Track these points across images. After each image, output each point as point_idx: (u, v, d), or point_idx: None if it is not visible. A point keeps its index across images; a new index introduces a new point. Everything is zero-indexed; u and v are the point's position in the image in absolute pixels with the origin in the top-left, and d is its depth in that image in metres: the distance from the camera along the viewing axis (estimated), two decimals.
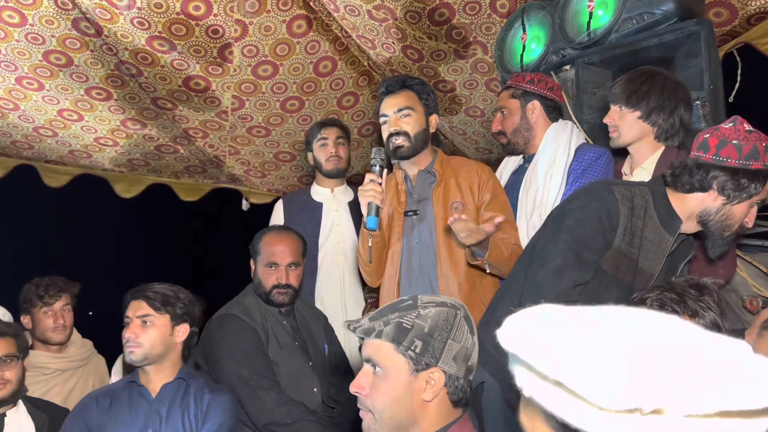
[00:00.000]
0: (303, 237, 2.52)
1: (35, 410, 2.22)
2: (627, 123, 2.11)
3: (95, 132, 3.84)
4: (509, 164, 2.57)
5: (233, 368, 2.21)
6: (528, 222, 2.32)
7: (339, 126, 3.04)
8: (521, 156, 2.52)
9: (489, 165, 2.41)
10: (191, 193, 4.55)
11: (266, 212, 3.26)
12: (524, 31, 2.84)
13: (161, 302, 2.04)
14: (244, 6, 3.10)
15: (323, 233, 2.92)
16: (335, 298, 2.86)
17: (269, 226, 2.74)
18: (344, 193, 3.04)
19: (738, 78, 2.79)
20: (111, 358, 2.80)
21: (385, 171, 2.17)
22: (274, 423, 2.16)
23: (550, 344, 0.61)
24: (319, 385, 2.36)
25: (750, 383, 0.55)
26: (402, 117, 2.22)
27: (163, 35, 3.14)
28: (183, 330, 2.08)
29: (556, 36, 2.66)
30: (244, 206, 4.66)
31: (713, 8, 2.77)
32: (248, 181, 4.53)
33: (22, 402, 2.22)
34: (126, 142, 3.98)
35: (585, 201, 1.71)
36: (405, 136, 2.21)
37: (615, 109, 2.13)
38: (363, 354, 1.31)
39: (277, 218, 3.03)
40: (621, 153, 2.24)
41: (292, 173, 4.43)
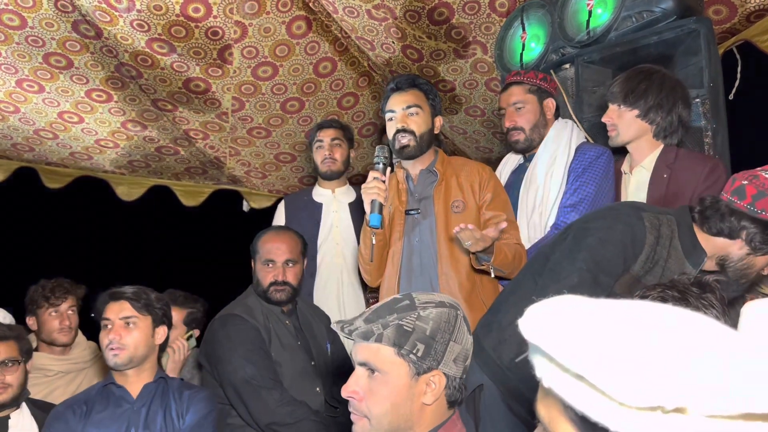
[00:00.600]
0: (302, 236, 2.52)
1: (39, 412, 2.22)
2: (625, 121, 2.11)
3: (96, 134, 3.85)
4: (509, 163, 2.57)
5: (236, 368, 2.21)
6: (528, 221, 2.33)
7: (336, 127, 3.01)
8: (521, 155, 2.53)
9: (489, 164, 2.41)
10: (192, 198, 4.55)
11: (266, 215, 3.26)
12: (524, 30, 2.85)
13: (144, 304, 2.00)
14: (244, 7, 3.11)
15: (322, 234, 2.92)
16: (333, 299, 2.85)
17: (269, 227, 2.74)
18: (345, 194, 3.04)
19: (738, 75, 2.78)
20: None
21: (389, 169, 2.17)
22: (277, 423, 2.16)
23: (573, 336, 0.60)
24: (322, 385, 2.36)
25: None
26: (410, 115, 2.22)
27: (163, 37, 3.15)
28: (162, 332, 2.06)
29: (556, 35, 2.66)
30: (245, 207, 4.67)
31: (713, 6, 2.76)
32: (249, 182, 4.53)
33: (26, 404, 2.22)
34: (126, 144, 3.98)
35: (611, 222, 1.65)
36: (411, 135, 2.21)
37: (613, 108, 2.13)
38: (357, 357, 1.25)
39: (279, 218, 3.04)
40: (620, 151, 2.24)
41: (293, 174, 4.44)
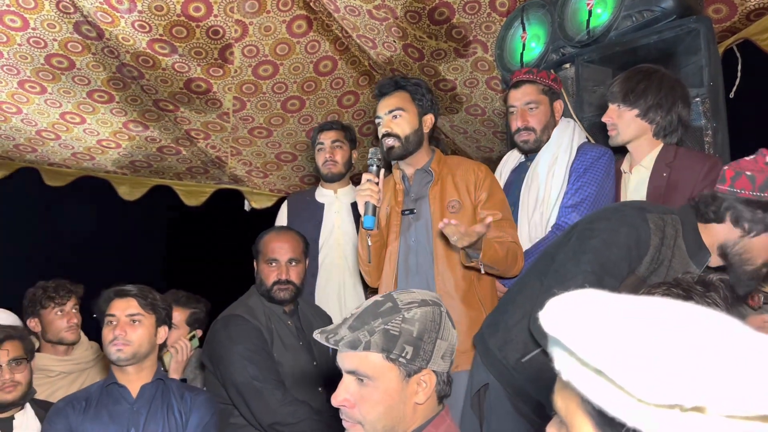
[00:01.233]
0: (304, 236, 2.53)
1: (42, 412, 2.23)
2: (625, 121, 2.11)
3: (97, 134, 3.86)
4: (509, 162, 2.56)
5: (238, 368, 2.22)
6: (529, 220, 2.33)
7: (337, 129, 2.99)
8: (523, 154, 2.53)
9: (490, 164, 2.40)
10: (194, 197, 4.57)
11: (268, 214, 3.27)
12: (524, 30, 2.85)
13: (150, 302, 2.03)
14: (244, 6, 3.11)
15: (324, 234, 2.93)
16: (334, 299, 2.86)
17: (271, 227, 2.75)
18: (348, 194, 3.03)
19: (738, 74, 2.79)
20: None
21: (383, 171, 2.17)
22: (279, 423, 2.17)
23: (593, 331, 0.60)
24: (323, 385, 2.37)
25: None
26: (393, 118, 2.22)
27: (164, 38, 3.15)
28: (163, 332, 2.09)
29: (556, 34, 2.67)
30: (247, 207, 4.68)
31: (712, 5, 2.76)
32: (250, 182, 4.54)
33: (30, 405, 2.24)
34: (128, 144, 3.99)
35: (616, 224, 1.65)
36: (395, 138, 2.21)
37: (613, 108, 2.13)
38: (344, 366, 1.24)
39: (282, 218, 3.04)
40: (620, 151, 2.25)
41: (294, 173, 4.44)
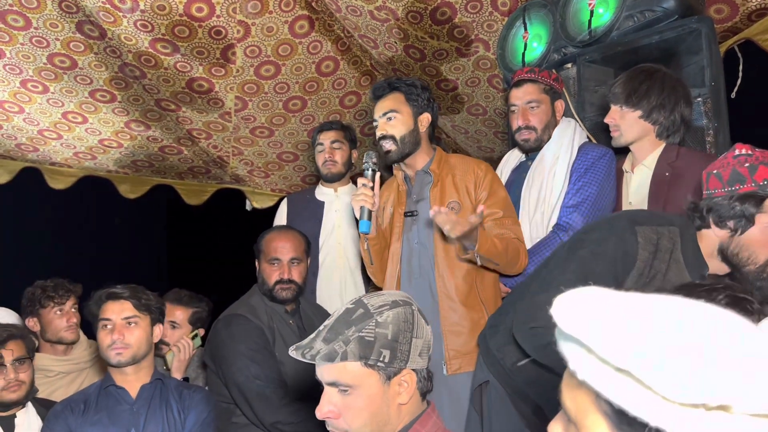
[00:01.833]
0: (306, 236, 2.53)
1: (44, 410, 2.24)
2: (628, 122, 2.11)
3: (99, 134, 3.86)
4: (510, 161, 2.56)
5: (240, 367, 2.23)
6: (531, 220, 2.33)
7: (337, 129, 2.99)
8: (524, 153, 2.52)
9: (491, 164, 2.39)
10: (195, 197, 4.57)
11: (269, 214, 3.27)
12: (525, 30, 2.85)
13: (144, 303, 2.02)
14: (247, 7, 3.12)
15: (324, 233, 2.93)
16: (336, 298, 2.86)
17: (272, 227, 2.75)
18: (348, 193, 3.02)
19: (739, 74, 2.79)
20: None
21: (378, 175, 2.17)
22: (281, 422, 2.18)
23: (615, 329, 0.58)
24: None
25: None
26: (387, 121, 2.22)
27: (166, 37, 3.16)
28: (158, 331, 2.08)
29: (558, 34, 2.67)
30: (248, 207, 4.68)
31: (714, 5, 2.76)
32: (252, 182, 4.55)
33: (31, 403, 2.25)
34: (130, 144, 4.00)
35: (605, 234, 1.62)
36: (391, 140, 2.20)
37: (615, 109, 2.13)
38: (324, 378, 1.23)
39: (281, 217, 3.05)
40: (621, 150, 2.25)
41: (296, 173, 4.45)
